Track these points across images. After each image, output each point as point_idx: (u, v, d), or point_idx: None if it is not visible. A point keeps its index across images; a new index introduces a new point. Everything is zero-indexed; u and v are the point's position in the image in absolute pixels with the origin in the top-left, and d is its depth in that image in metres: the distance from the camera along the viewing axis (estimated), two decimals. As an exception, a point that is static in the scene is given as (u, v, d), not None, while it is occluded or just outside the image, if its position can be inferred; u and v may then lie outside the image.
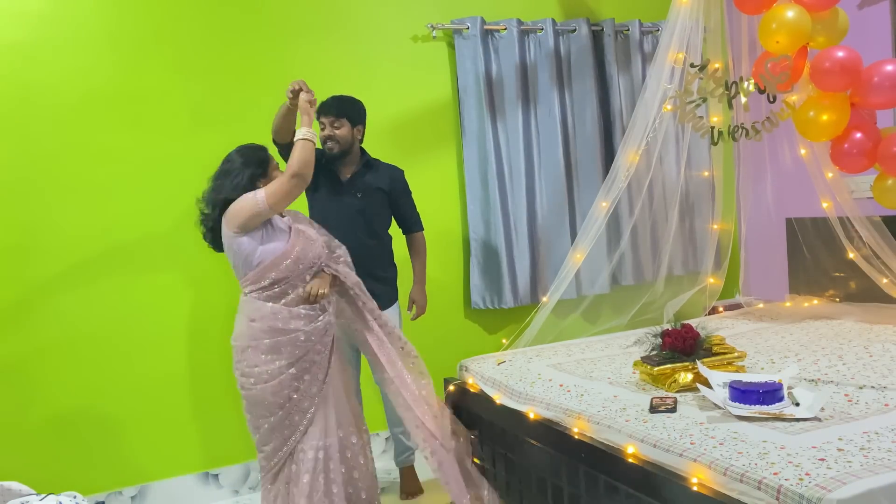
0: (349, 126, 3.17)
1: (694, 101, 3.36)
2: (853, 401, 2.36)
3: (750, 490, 1.85)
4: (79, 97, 3.32)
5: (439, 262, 3.98)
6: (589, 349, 3.37)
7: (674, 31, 3.43)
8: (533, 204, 4.16)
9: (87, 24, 3.33)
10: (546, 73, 4.15)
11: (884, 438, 2.00)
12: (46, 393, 3.29)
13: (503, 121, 4.09)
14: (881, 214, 3.61)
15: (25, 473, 2.67)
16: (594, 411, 2.48)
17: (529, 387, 2.85)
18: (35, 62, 3.26)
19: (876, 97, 3.20)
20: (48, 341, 3.29)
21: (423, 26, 3.96)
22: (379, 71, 3.88)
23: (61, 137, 3.30)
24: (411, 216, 3.39)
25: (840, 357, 2.89)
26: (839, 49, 3.19)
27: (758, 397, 2.27)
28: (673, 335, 2.72)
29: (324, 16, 3.77)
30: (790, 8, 3.13)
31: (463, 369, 3.29)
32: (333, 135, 3.16)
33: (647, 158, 3.80)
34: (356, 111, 3.20)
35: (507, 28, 4.06)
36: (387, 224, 3.34)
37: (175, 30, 3.48)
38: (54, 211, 3.30)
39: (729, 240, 4.23)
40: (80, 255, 3.34)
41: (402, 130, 3.95)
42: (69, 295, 3.33)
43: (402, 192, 3.33)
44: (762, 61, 3.28)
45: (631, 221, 4.14)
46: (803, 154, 3.75)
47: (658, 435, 2.19)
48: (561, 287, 3.67)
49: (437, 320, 3.90)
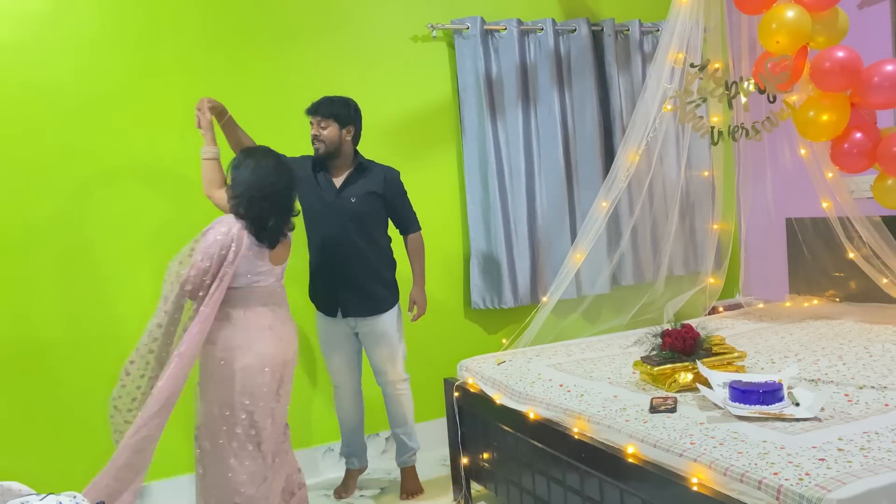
0: (336, 127, 3.16)
1: (694, 101, 3.36)
2: (853, 401, 2.36)
3: (750, 490, 1.85)
4: (79, 97, 3.32)
5: (439, 263, 3.99)
6: (589, 349, 3.37)
7: (674, 31, 3.43)
8: (533, 204, 4.16)
9: (87, 24, 3.33)
10: (546, 73, 4.15)
11: (884, 438, 2.01)
12: (47, 393, 3.29)
13: (503, 121, 4.09)
14: (881, 214, 3.61)
15: (25, 473, 2.67)
16: (594, 411, 2.48)
17: (529, 387, 2.85)
18: (35, 62, 3.25)
19: (876, 97, 3.20)
20: (48, 341, 3.29)
21: (423, 26, 3.96)
22: (379, 71, 3.88)
23: (61, 137, 3.30)
24: (407, 217, 3.37)
25: (840, 357, 2.89)
26: (839, 49, 3.19)
27: (758, 397, 2.27)
28: (673, 335, 2.72)
29: (324, 16, 3.77)
30: (790, 8, 3.13)
31: (463, 369, 3.29)
32: (319, 134, 3.16)
33: (647, 158, 3.80)
34: (346, 112, 3.18)
35: (507, 28, 4.06)
36: (383, 226, 3.33)
37: (175, 30, 3.48)
38: (54, 210, 3.30)
39: (729, 240, 4.23)
40: (79, 254, 3.34)
41: (402, 130, 3.95)
42: (70, 294, 3.33)
43: (397, 194, 3.31)
44: (762, 61, 3.28)
45: (631, 221, 4.14)
46: (803, 154, 3.75)
47: (658, 435, 2.19)
48: (561, 287, 3.67)
49: (437, 320, 3.91)
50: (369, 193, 3.22)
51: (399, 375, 3.37)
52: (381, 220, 3.31)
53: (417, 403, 3.53)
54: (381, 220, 3.31)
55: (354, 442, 3.51)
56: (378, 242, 3.29)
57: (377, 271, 3.27)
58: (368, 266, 3.24)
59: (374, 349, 3.34)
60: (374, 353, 3.35)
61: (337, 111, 3.16)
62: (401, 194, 3.33)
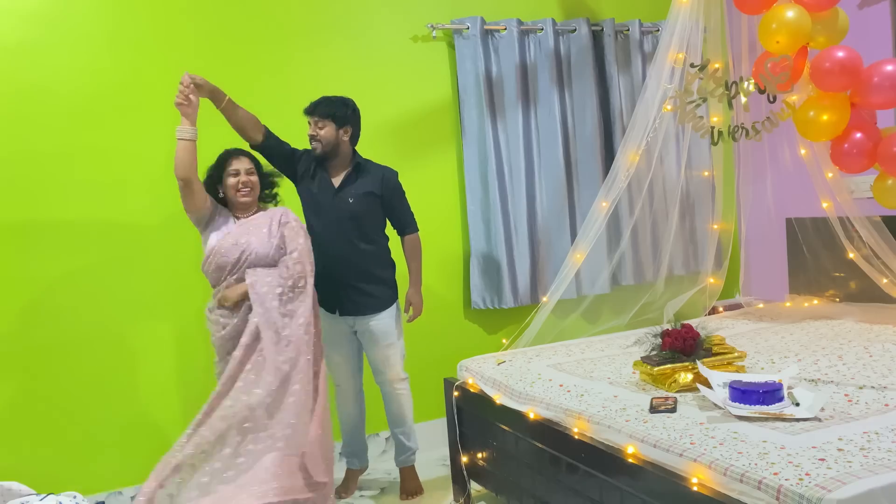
0: (333, 127, 3.16)
1: (694, 101, 3.36)
2: (853, 401, 2.36)
3: (750, 490, 1.85)
4: (79, 97, 3.32)
5: (439, 263, 3.99)
6: (589, 349, 3.37)
7: (674, 31, 3.43)
8: (533, 204, 4.16)
9: (87, 24, 3.33)
10: (546, 74, 4.15)
11: (884, 438, 2.01)
12: (47, 393, 3.29)
13: (503, 121, 4.09)
14: (881, 214, 3.61)
15: (25, 473, 2.67)
16: (594, 411, 2.48)
17: (529, 387, 2.85)
18: (35, 62, 3.26)
19: (876, 97, 3.20)
20: (48, 341, 3.29)
21: (423, 26, 3.96)
22: (379, 71, 3.88)
23: (61, 137, 3.30)
24: (404, 218, 3.36)
25: (840, 357, 2.89)
26: (839, 49, 3.19)
27: (758, 397, 2.27)
28: (673, 335, 2.72)
29: (324, 16, 3.77)
30: (790, 8, 3.13)
31: (463, 369, 3.29)
32: (316, 134, 3.17)
33: (647, 158, 3.80)
34: (343, 112, 3.18)
35: (507, 28, 4.06)
36: (381, 227, 3.33)
37: (175, 30, 3.48)
38: (55, 210, 3.30)
39: (729, 240, 4.23)
40: (80, 254, 3.34)
41: (402, 131, 3.95)
42: (70, 295, 3.33)
43: (395, 194, 3.30)
44: (762, 61, 3.28)
45: (631, 221, 4.14)
46: (803, 154, 3.75)
47: (658, 435, 2.19)
48: (561, 287, 3.67)
49: (437, 320, 3.91)
50: (367, 194, 3.22)
51: (397, 375, 3.37)
52: (379, 220, 3.31)
53: (417, 403, 3.52)
54: (378, 221, 3.31)
55: (355, 442, 3.51)
56: (376, 242, 3.29)
57: (374, 270, 3.27)
58: (366, 265, 3.24)
59: (371, 348, 3.34)
60: (371, 353, 3.35)
61: (334, 111, 3.16)
62: (399, 195, 3.32)
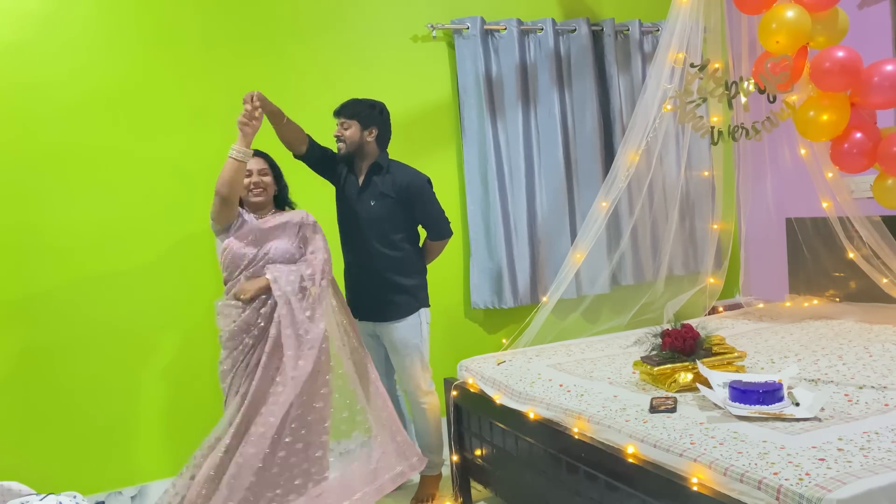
0: (358, 127, 3.16)
1: (694, 101, 3.36)
2: (853, 401, 2.36)
3: (750, 490, 1.85)
4: (79, 97, 3.32)
5: (439, 263, 3.97)
6: (589, 349, 3.37)
7: (674, 31, 3.43)
8: (533, 204, 4.16)
9: (87, 24, 3.33)
10: (546, 73, 4.15)
11: (884, 438, 2.01)
12: (47, 393, 3.29)
13: (503, 121, 4.09)
14: (881, 214, 3.61)
15: (25, 473, 2.67)
16: (594, 411, 2.48)
17: (529, 387, 2.85)
18: (35, 62, 3.25)
19: (876, 97, 3.20)
20: (48, 341, 3.29)
21: (423, 26, 3.96)
22: (379, 71, 3.88)
23: (61, 137, 3.30)
24: (429, 224, 3.29)
25: (840, 357, 2.89)
26: (839, 49, 3.19)
27: (758, 397, 2.27)
28: (673, 335, 2.72)
29: (324, 16, 3.77)
30: (790, 8, 3.13)
31: (463, 369, 3.29)
32: (341, 135, 3.18)
33: (647, 158, 3.80)
34: (369, 113, 3.17)
35: (507, 28, 4.06)
36: (403, 232, 3.22)
37: (175, 30, 3.48)
38: (55, 210, 3.30)
39: (729, 240, 4.23)
40: (80, 255, 3.34)
41: (402, 130, 3.93)
42: (70, 295, 3.32)
43: (418, 200, 3.20)
44: (762, 61, 3.28)
45: (631, 221, 4.14)
46: (803, 154, 3.75)
47: (658, 435, 2.19)
48: (561, 287, 3.67)
49: (437, 320, 3.89)
50: (384, 196, 3.17)
51: (419, 387, 3.26)
52: (400, 224, 3.21)
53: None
54: (399, 225, 3.21)
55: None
56: (399, 248, 3.20)
57: (394, 277, 3.19)
58: (385, 271, 3.18)
59: (393, 356, 3.29)
60: (393, 360, 3.30)
61: (360, 112, 3.16)
62: (422, 201, 3.22)
